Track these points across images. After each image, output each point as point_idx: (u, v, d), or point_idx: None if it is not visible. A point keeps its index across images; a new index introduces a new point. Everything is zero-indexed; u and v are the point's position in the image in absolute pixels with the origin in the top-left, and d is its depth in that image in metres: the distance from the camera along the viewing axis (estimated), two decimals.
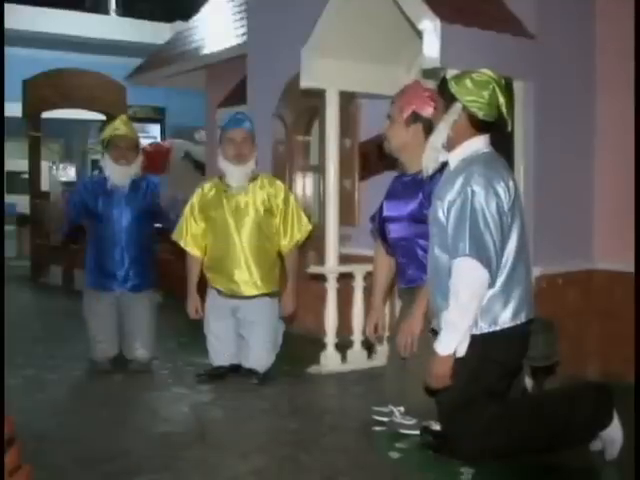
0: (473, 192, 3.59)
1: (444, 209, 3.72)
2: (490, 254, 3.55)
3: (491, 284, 3.62)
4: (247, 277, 5.62)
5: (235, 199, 5.63)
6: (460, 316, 3.54)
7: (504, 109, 3.73)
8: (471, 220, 3.57)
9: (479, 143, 3.78)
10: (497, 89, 3.71)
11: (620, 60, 5.60)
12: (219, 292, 5.70)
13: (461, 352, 3.60)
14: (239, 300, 5.66)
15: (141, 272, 6.17)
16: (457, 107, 3.79)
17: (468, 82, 3.73)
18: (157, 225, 6.47)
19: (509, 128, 3.82)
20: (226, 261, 5.63)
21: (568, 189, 5.73)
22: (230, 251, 5.62)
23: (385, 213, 4.67)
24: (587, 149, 5.85)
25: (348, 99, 6.62)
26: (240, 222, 5.61)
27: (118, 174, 6.07)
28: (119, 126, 6.17)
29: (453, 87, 3.78)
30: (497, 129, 3.83)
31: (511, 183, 3.67)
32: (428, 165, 4.03)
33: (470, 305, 3.54)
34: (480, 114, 3.72)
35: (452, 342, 3.58)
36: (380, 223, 4.73)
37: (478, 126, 3.76)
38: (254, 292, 5.65)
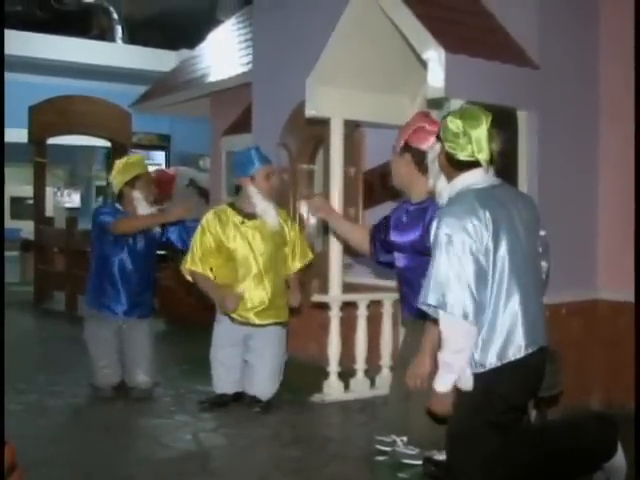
0: (444, 237, 3.48)
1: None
2: (464, 303, 3.46)
3: (480, 324, 3.56)
4: (264, 306, 5.68)
5: (252, 229, 5.69)
6: (452, 358, 3.53)
7: (474, 147, 3.64)
8: (442, 270, 3.46)
9: (470, 179, 3.67)
10: (468, 132, 3.62)
11: (624, 86, 5.62)
12: (232, 319, 5.71)
13: (467, 386, 3.58)
14: (252, 328, 5.69)
15: (147, 298, 6.22)
16: (438, 146, 3.81)
17: (448, 123, 3.68)
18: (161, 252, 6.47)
19: (484, 163, 3.70)
20: (243, 289, 5.67)
21: (572, 218, 5.73)
22: (247, 280, 5.67)
23: (392, 238, 4.69)
24: (591, 178, 5.86)
25: (353, 128, 6.65)
26: (258, 252, 5.67)
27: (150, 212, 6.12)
28: (142, 161, 6.24)
29: (442, 126, 3.75)
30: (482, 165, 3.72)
31: (487, 214, 3.51)
32: (439, 199, 4.03)
33: (461, 351, 3.51)
34: (456, 155, 3.65)
35: (448, 381, 3.56)
36: (382, 241, 4.79)
37: (457, 165, 3.69)
38: (268, 320, 5.72)
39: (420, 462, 4.35)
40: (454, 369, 3.52)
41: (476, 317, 3.46)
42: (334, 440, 5.08)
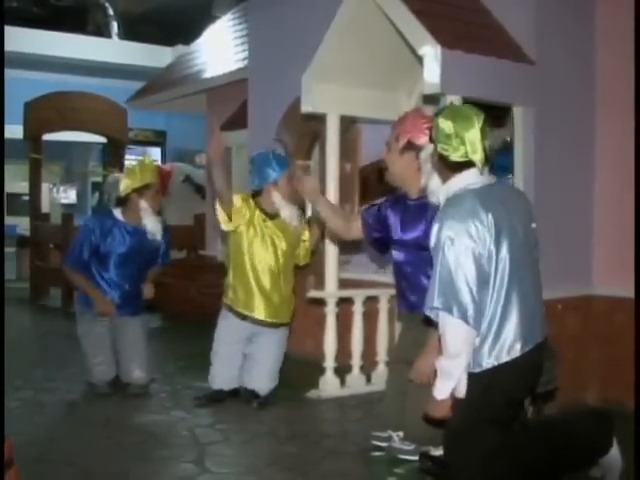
0: (447, 240, 3.47)
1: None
2: (466, 307, 3.44)
3: (477, 325, 3.55)
4: (275, 305, 5.71)
5: (273, 229, 5.72)
6: (451, 364, 3.51)
7: (468, 148, 3.61)
8: (444, 273, 3.45)
9: (466, 180, 3.64)
10: (460, 134, 3.58)
11: (621, 81, 5.63)
12: (243, 318, 5.71)
13: (461, 393, 3.57)
14: (260, 327, 5.71)
15: (138, 297, 6.21)
16: (430, 146, 3.84)
17: (439, 124, 3.64)
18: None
19: (478, 164, 3.68)
20: (256, 287, 5.67)
21: (568, 214, 5.74)
22: (263, 278, 5.68)
23: (392, 236, 4.68)
24: (587, 173, 5.87)
25: (349, 124, 6.64)
26: (280, 252, 5.71)
27: (156, 225, 6.11)
28: (155, 168, 6.21)
29: (433, 127, 3.73)
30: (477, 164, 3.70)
31: (490, 217, 3.49)
32: (432, 197, 4.02)
33: (458, 355, 3.49)
34: (450, 156, 3.63)
35: (447, 387, 3.55)
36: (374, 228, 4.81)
37: (450, 166, 3.66)
38: (278, 320, 5.75)
39: (416, 458, 4.35)
40: (453, 376, 3.50)
41: (476, 321, 3.46)
42: (330, 436, 5.08)
